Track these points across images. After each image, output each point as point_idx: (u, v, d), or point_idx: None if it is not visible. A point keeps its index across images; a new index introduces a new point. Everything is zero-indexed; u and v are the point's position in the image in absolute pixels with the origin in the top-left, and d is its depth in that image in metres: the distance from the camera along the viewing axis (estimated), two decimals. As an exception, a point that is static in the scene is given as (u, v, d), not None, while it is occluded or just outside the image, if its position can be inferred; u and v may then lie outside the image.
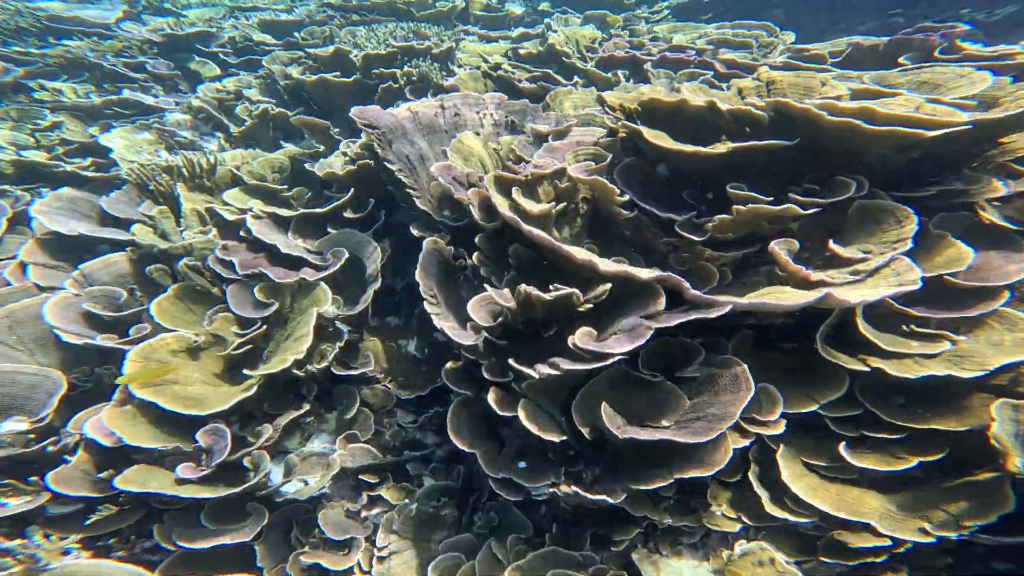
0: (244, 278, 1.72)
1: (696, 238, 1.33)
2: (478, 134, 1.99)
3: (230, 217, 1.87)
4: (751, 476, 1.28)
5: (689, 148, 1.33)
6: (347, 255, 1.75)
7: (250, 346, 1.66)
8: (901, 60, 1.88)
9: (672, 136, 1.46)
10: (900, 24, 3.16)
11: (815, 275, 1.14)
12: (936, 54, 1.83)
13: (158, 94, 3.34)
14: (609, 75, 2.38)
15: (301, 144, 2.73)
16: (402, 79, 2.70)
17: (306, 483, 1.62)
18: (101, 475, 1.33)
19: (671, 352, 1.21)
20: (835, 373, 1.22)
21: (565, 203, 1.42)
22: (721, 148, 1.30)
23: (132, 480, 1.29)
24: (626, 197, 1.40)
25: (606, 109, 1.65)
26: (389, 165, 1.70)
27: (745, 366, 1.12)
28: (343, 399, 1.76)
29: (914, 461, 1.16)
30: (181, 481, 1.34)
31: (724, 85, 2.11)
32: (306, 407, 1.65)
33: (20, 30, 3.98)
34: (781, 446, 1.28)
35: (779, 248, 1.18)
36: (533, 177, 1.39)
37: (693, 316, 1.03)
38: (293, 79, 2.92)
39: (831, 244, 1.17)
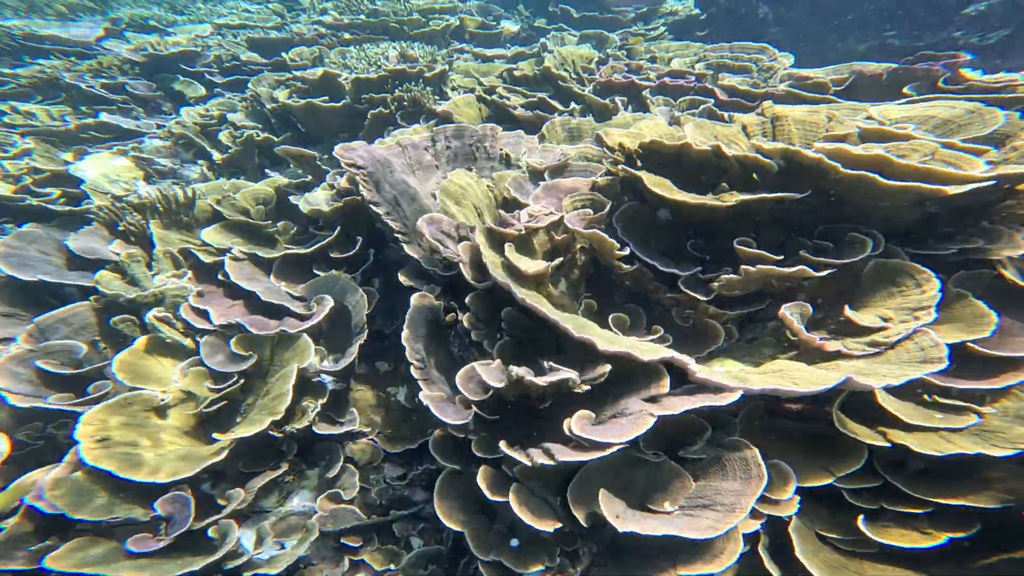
0: (220, 328, 1.61)
1: (701, 297, 1.24)
2: (471, 169, 1.90)
3: (207, 259, 1.76)
4: (761, 550, 1.19)
5: (694, 199, 1.25)
6: (332, 304, 1.64)
7: (224, 402, 1.54)
8: (906, 91, 1.82)
9: (674, 179, 1.38)
10: (896, 46, 3.13)
11: (830, 345, 1.06)
12: (940, 84, 1.77)
13: (139, 116, 3.23)
14: (607, 102, 2.31)
15: (287, 172, 2.63)
16: (393, 104, 2.62)
17: (283, 547, 1.51)
18: (33, 548, 1.20)
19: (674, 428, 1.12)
20: (852, 445, 1.14)
21: (561, 258, 1.33)
22: (729, 200, 1.22)
23: (66, 559, 1.17)
24: (626, 251, 1.31)
25: (605, 150, 1.56)
26: (376, 209, 1.60)
27: (756, 451, 1.03)
28: (326, 455, 1.65)
29: (943, 538, 1.07)
30: (131, 555, 1.22)
31: (726, 115, 2.05)
32: (284, 467, 1.54)
33: (-9, 49, 3.86)
34: (794, 518, 1.19)
35: (791, 315, 1.09)
36: (528, 231, 1.30)
37: (700, 403, 0.94)
38: (280, 103, 2.83)
39: (847, 312, 1.09)
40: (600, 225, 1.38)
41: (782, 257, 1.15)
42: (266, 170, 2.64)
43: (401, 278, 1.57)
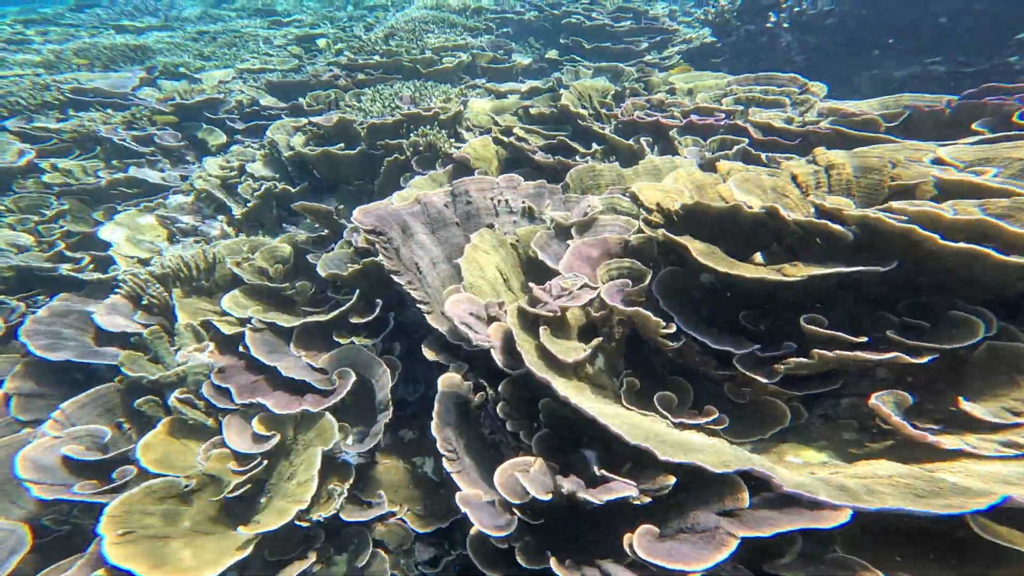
0: (242, 407, 1.55)
1: (763, 380, 1.12)
2: (492, 225, 1.83)
3: (227, 331, 1.73)
4: None
5: (754, 272, 1.14)
6: (353, 378, 1.57)
7: (248, 486, 1.48)
8: (976, 127, 1.67)
9: (720, 241, 1.27)
10: (940, 73, 2.95)
11: (947, 442, 0.91)
12: (1016, 119, 1.62)
13: (164, 168, 3.30)
14: (631, 143, 2.22)
15: (304, 225, 2.62)
16: (408, 149, 2.59)
17: (310, 645, 1.41)
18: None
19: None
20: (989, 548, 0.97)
21: (600, 339, 1.23)
22: (795, 274, 1.10)
23: None
24: (672, 328, 1.20)
25: (640, 209, 1.47)
26: (396, 278, 1.54)
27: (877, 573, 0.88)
28: (354, 539, 1.56)
29: None
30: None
31: (763, 156, 1.93)
32: (312, 557, 1.46)
33: (45, 104, 4.04)
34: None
35: (886, 406, 0.96)
36: (562, 310, 1.20)
37: (795, 526, 0.81)
38: (296, 151, 2.84)
39: (963, 404, 0.94)
40: (640, 298, 1.28)
41: (864, 340, 1.02)
42: (284, 224, 2.63)
43: (425, 351, 1.49)
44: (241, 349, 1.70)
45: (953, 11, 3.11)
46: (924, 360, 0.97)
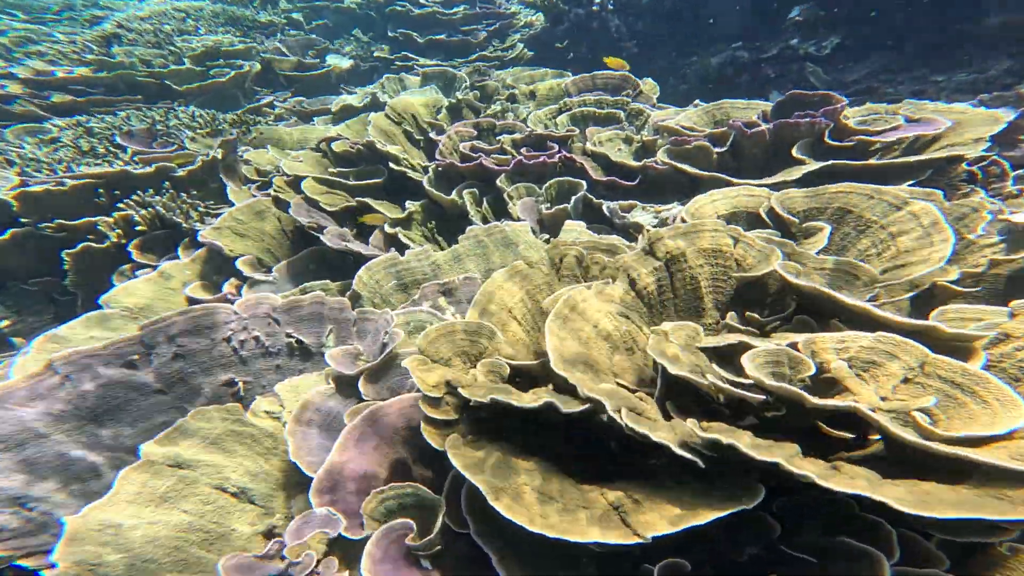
0: None
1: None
2: (234, 390, 1.18)
3: None
4: None
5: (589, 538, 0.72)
6: None
7: None
8: (796, 153, 1.48)
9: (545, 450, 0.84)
10: (746, 59, 2.98)
11: None
12: (826, 139, 1.49)
13: None
14: (454, 196, 1.71)
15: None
16: (118, 228, 1.69)
17: None
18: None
19: None
20: None
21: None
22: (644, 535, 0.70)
23: None
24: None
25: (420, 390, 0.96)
26: None
27: None
28: None
29: None
30: None
31: (605, 208, 1.57)
32: None
33: None
34: None
35: None
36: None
37: None
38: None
39: None
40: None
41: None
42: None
43: None
44: None
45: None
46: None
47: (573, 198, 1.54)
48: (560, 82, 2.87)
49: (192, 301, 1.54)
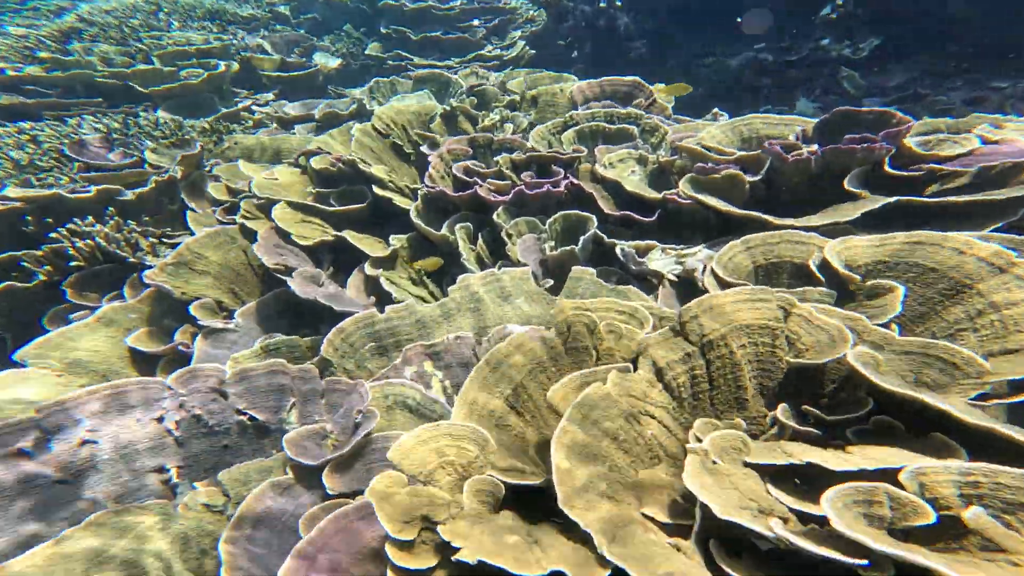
0: None
1: None
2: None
3: None
4: None
5: None
6: None
7: None
8: (850, 187, 1.24)
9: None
10: (769, 63, 2.71)
11: None
12: (887, 167, 1.26)
13: None
14: (445, 231, 1.47)
15: None
16: (49, 265, 1.47)
17: None
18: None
19: None
20: None
21: None
22: None
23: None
24: None
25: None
26: None
27: None
28: None
29: None
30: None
31: (619, 249, 1.33)
32: None
33: None
34: None
35: None
36: None
37: None
38: None
39: None
40: None
41: None
42: None
43: None
44: None
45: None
46: None
47: (582, 238, 1.31)
48: (563, 86, 2.62)
49: (135, 353, 1.32)
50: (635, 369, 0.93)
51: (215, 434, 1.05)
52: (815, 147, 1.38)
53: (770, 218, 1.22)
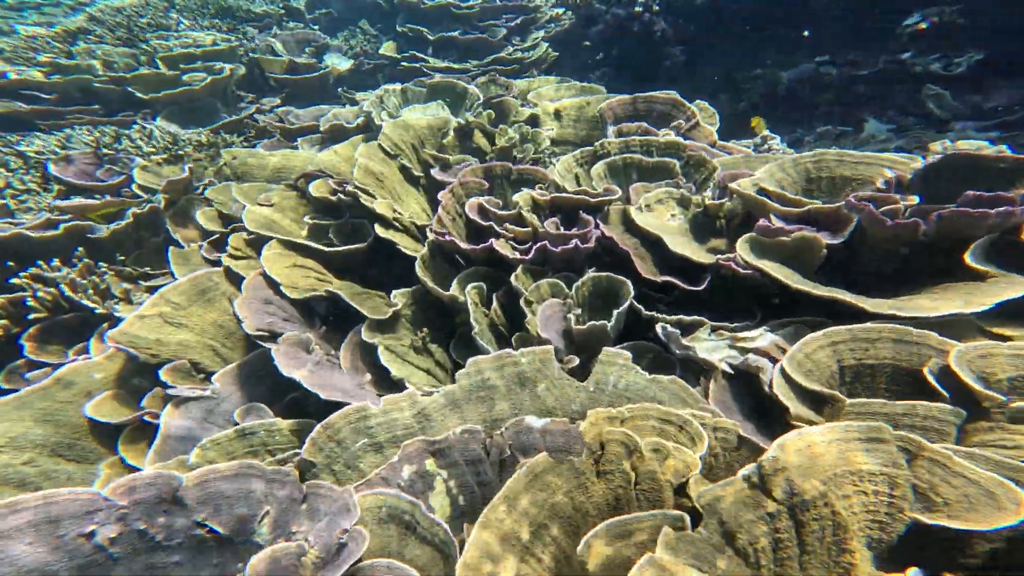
0: None
1: None
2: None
3: None
4: None
5: None
6: None
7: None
8: (972, 262, 0.95)
9: None
10: (833, 77, 2.38)
11: None
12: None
13: None
14: (454, 292, 1.27)
15: None
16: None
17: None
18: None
19: None
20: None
21: None
22: None
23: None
24: None
25: None
26: None
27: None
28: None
29: None
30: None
31: (661, 331, 1.10)
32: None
33: None
34: None
35: None
36: None
37: None
38: None
39: None
40: None
41: None
42: None
43: None
44: None
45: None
46: None
47: (615, 312, 1.09)
48: (589, 99, 2.38)
49: (94, 424, 1.16)
50: (692, 517, 0.72)
51: (163, 550, 0.87)
52: (914, 199, 1.11)
53: (865, 304, 0.95)
